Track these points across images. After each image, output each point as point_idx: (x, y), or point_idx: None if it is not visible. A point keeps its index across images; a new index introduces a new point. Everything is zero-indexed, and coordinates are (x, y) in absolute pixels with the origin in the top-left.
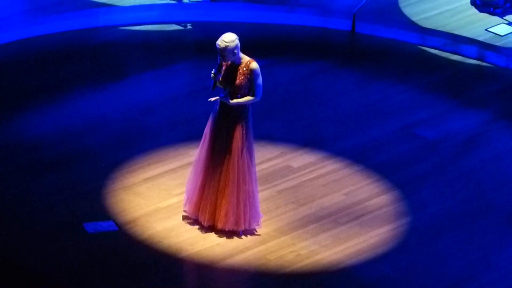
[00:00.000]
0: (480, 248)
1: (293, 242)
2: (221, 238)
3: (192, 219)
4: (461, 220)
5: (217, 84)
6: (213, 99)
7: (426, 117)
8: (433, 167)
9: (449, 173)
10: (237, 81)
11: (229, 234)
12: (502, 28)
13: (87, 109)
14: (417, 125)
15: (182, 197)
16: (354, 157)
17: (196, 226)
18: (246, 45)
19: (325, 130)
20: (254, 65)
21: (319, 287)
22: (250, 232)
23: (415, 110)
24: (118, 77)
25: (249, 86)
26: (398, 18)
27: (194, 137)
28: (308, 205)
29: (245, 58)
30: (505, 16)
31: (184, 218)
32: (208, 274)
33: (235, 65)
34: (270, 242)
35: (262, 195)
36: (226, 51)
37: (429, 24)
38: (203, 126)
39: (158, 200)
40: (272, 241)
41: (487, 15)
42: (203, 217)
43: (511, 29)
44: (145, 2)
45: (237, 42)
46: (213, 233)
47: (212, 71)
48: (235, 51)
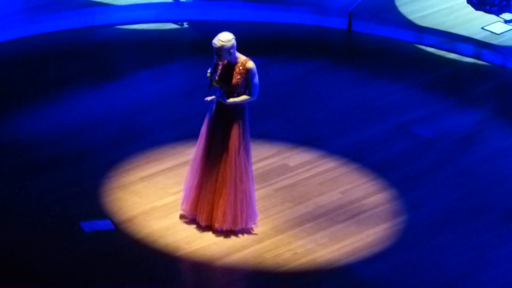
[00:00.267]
0: (477, 246)
1: (290, 241)
2: (218, 237)
3: (189, 218)
4: (458, 218)
5: (213, 84)
6: (210, 99)
7: (423, 116)
8: (430, 166)
9: (446, 172)
10: (234, 81)
11: (226, 233)
12: (498, 27)
13: (83, 108)
14: (414, 124)
15: (179, 196)
16: (351, 156)
17: (193, 225)
18: (242, 44)
19: (322, 129)
20: (251, 64)
21: (316, 286)
22: (247, 231)
23: (412, 109)
24: (115, 76)
25: (246, 86)
26: (395, 17)
27: (191, 136)
28: (305, 204)
29: (241, 57)
30: (501, 15)
31: (181, 217)
32: (205, 273)
33: (231, 65)
34: (267, 241)
35: (259, 194)
36: (222, 51)
37: (426, 23)
38: (200, 125)
39: (155, 199)
40: (269, 240)
41: (483, 14)
42: (201, 217)
43: (507, 28)
44: (141, 1)
45: (234, 42)
46: (210, 232)
47: (208, 70)
48: (231, 51)
